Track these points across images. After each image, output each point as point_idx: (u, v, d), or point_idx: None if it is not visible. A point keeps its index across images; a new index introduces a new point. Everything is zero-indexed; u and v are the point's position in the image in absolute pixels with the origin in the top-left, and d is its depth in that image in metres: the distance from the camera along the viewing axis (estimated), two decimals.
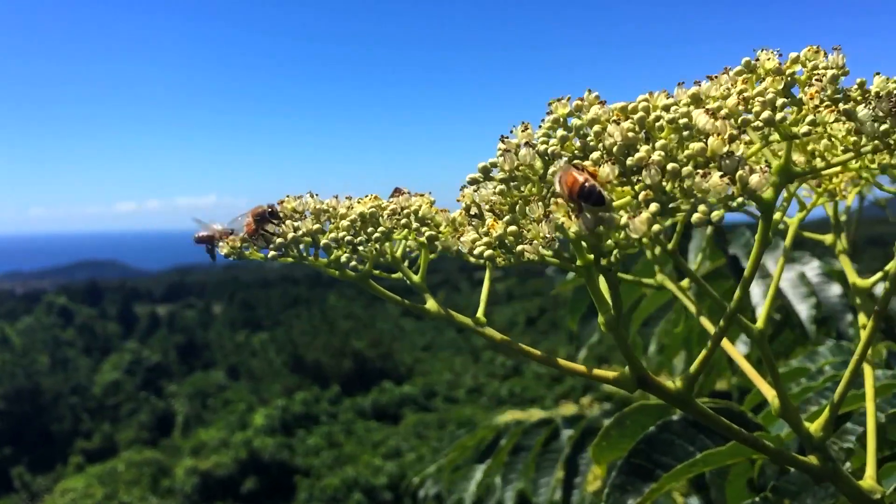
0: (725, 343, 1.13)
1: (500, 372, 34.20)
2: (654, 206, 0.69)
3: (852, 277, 1.26)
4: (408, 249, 0.97)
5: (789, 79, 0.78)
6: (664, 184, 0.71)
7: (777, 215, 1.19)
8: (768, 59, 0.80)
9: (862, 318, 1.18)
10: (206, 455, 25.75)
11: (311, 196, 0.99)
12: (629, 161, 0.72)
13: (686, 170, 0.70)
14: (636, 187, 0.73)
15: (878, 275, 1.20)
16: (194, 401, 33.81)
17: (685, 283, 1.38)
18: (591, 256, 0.79)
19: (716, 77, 0.81)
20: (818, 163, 0.80)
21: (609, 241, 0.73)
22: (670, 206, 0.70)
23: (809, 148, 0.86)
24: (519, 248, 0.78)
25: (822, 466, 0.92)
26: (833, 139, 0.81)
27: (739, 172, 0.69)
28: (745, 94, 0.76)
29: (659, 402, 1.22)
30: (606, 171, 0.72)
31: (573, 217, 0.73)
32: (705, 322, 1.19)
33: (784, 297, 2.09)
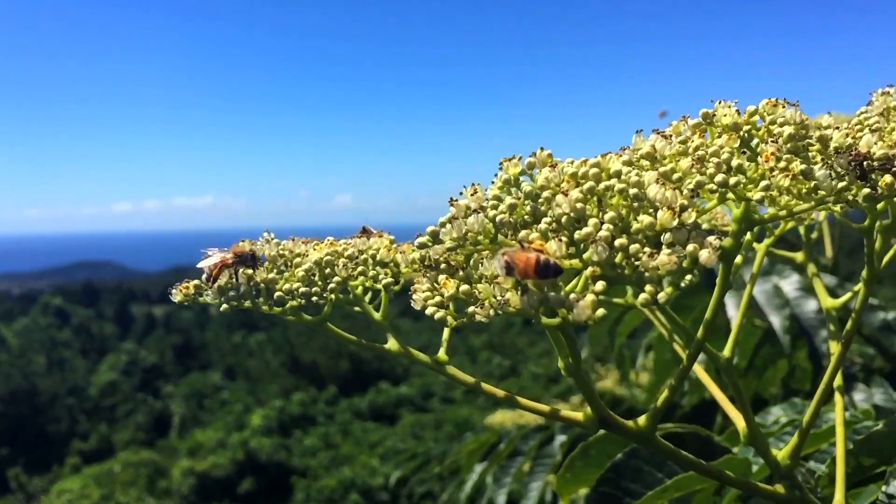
0: (698, 369, 1.14)
1: (498, 372, 34.14)
2: (600, 285, 0.68)
3: (824, 299, 1.26)
4: (367, 287, 0.97)
5: (746, 135, 0.78)
6: (613, 257, 0.70)
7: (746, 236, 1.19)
8: (725, 115, 0.80)
9: (833, 346, 1.18)
10: (203, 456, 25.69)
11: (268, 239, 0.99)
12: (576, 235, 0.71)
13: (633, 248, 0.69)
14: (585, 257, 0.72)
15: (848, 295, 1.20)
16: (191, 401, 33.73)
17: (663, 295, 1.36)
18: (544, 319, 0.78)
19: (670, 134, 0.80)
20: (778, 211, 0.79)
21: (557, 319, 0.73)
22: (620, 280, 0.69)
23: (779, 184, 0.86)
24: (470, 309, 0.78)
25: (789, 495, 0.93)
26: (788, 190, 0.80)
27: (689, 248, 0.69)
28: (699, 154, 0.75)
29: None
30: (553, 247, 0.71)
31: (518, 293, 0.72)
32: (678, 349, 1.20)
33: (759, 308, 2.10)
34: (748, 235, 1.00)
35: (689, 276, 0.69)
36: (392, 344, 0.95)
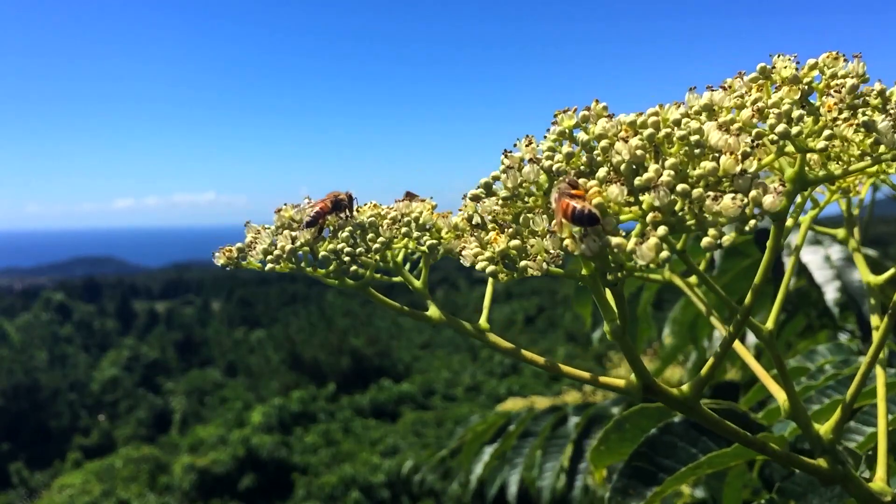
0: (735, 343, 1.12)
1: (499, 370, 34.16)
2: (662, 230, 0.67)
3: (865, 275, 1.24)
4: (409, 251, 0.96)
5: (806, 87, 0.75)
6: (673, 205, 0.68)
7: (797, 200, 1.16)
8: (785, 67, 0.77)
9: (875, 320, 1.16)
10: (204, 452, 25.69)
11: (310, 203, 0.98)
12: (637, 181, 0.70)
13: (696, 192, 0.67)
14: (644, 206, 0.70)
15: (891, 271, 1.18)
16: (192, 398, 33.76)
17: (693, 278, 1.34)
18: (595, 268, 0.77)
19: (729, 85, 0.78)
20: (835, 168, 0.77)
21: (612, 264, 0.71)
22: (680, 227, 0.67)
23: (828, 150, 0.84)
24: (522, 263, 0.76)
25: (832, 470, 0.91)
26: (849, 143, 0.78)
27: (753, 193, 0.66)
28: (760, 105, 0.73)
29: (659, 405, 1.21)
30: (615, 192, 0.69)
31: (578, 239, 0.70)
32: (715, 322, 1.18)
33: (811, 278, 2.07)
34: (798, 199, 0.98)
35: (752, 222, 0.66)
36: (433, 311, 0.94)
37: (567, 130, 0.79)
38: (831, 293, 2.03)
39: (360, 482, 22.66)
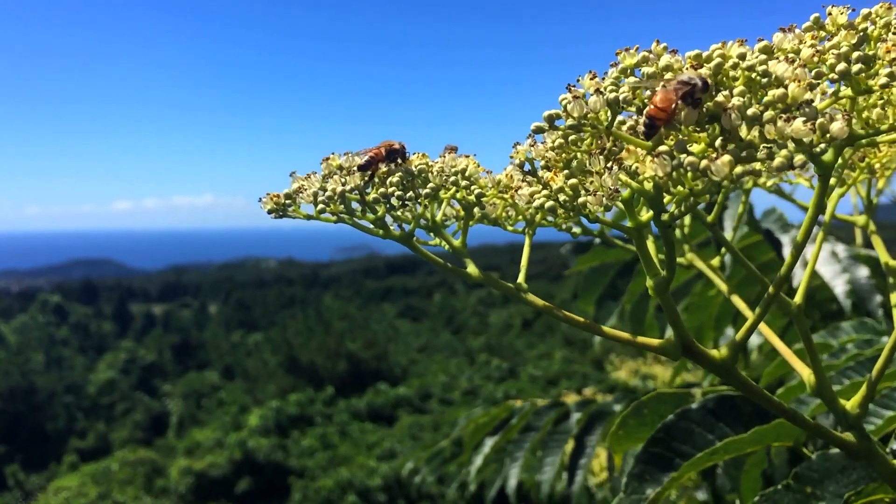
0: (763, 327, 1.12)
1: (496, 374, 34.18)
2: (733, 149, 0.67)
3: (885, 257, 1.24)
4: (444, 217, 0.97)
5: (862, 34, 0.75)
6: (742, 131, 0.68)
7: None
8: (840, 14, 0.78)
9: (894, 298, 1.16)
10: (201, 455, 25.68)
11: (357, 154, 0.97)
12: (707, 105, 0.70)
13: (768, 114, 0.67)
14: (710, 134, 0.71)
15: None
16: (189, 401, 33.73)
17: (715, 261, 1.35)
18: (645, 217, 0.77)
19: (787, 29, 0.78)
20: (884, 122, 0.77)
21: (680, 189, 0.71)
22: (749, 154, 0.67)
23: (864, 115, 0.84)
24: (581, 199, 0.77)
25: (860, 444, 0.92)
26: (893, 105, 0.78)
27: (820, 120, 0.67)
28: (818, 48, 0.74)
29: (677, 390, 1.21)
30: (688, 115, 0.70)
31: (649, 161, 0.71)
32: (737, 301, 1.17)
33: (818, 273, 2.07)
34: (839, 161, 0.98)
35: (821, 145, 0.66)
36: (472, 269, 0.94)
37: (629, 69, 0.78)
38: (840, 286, 2.03)
39: (357, 486, 22.65)
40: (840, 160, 1.03)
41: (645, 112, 0.72)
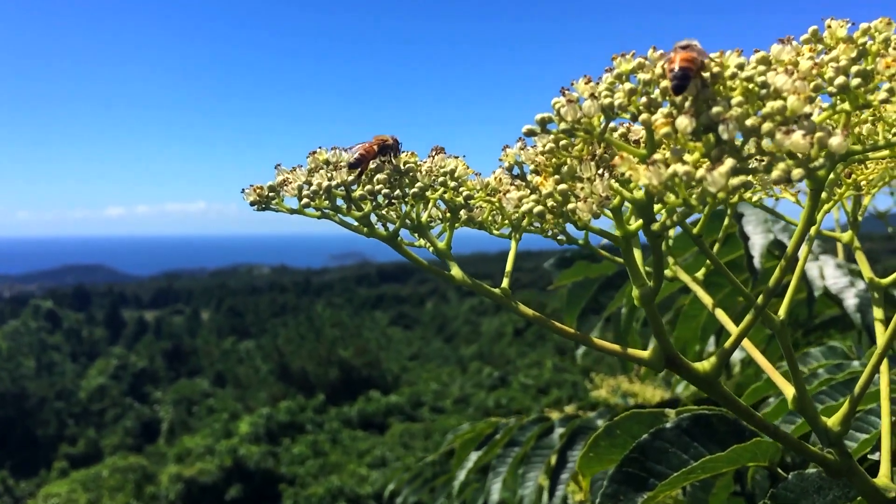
0: (746, 343, 1.12)
1: (487, 382, 34.20)
2: (730, 161, 0.65)
3: (868, 273, 1.24)
4: (429, 219, 0.96)
5: (861, 48, 0.75)
6: (739, 142, 0.68)
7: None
8: (840, 27, 0.79)
9: (878, 312, 1.16)
10: (191, 462, 25.60)
11: (346, 150, 0.96)
12: (702, 118, 0.69)
13: (766, 126, 0.66)
14: (706, 143, 0.69)
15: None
16: (180, 407, 33.65)
17: (700, 274, 1.33)
18: (634, 226, 0.77)
19: (785, 40, 0.78)
20: (879, 138, 0.77)
21: (673, 198, 0.70)
22: (743, 166, 0.67)
23: (856, 131, 0.83)
24: (570, 205, 0.76)
25: (842, 462, 0.92)
26: (884, 122, 0.79)
27: (819, 134, 0.65)
28: (817, 61, 0.73)
29: (651, 410, 1.20)
30: (685, 122, 0.68)
31: (643, 169, 0.69)
32: (721, 315, 1.17)
33: (827, 287, 2.06)
34: (831, 176, 0.98)
35: (819, 160, 0.66)
36: (456, 271, 0.94)
37: (624, 74, 0.77)
38: (851, 299, 2.01)
39: (348, 493, 22.62)
40: (832, 175, 1.03)
41: (671, 66, 0.71)
